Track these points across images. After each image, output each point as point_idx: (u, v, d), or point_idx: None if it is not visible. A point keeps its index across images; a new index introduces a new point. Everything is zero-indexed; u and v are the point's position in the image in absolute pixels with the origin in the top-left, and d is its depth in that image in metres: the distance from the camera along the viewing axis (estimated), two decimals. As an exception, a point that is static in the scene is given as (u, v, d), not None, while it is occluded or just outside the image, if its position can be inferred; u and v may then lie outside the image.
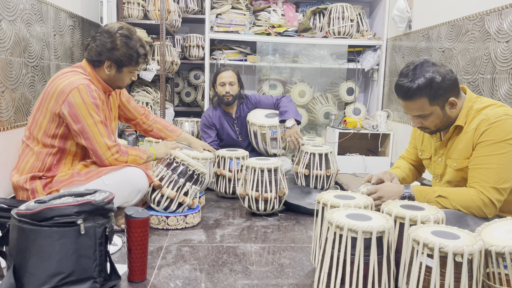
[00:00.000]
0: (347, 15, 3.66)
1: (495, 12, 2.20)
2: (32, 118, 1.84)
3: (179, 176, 2.01)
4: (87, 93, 1.76)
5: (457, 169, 1.60)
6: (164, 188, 1.99)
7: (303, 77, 4.01)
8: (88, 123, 1.76)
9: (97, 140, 1.79)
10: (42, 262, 1.26)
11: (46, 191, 1.79)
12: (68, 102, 1.74)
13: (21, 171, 1.82)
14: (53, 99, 1.77)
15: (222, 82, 2.84)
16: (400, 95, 1.57)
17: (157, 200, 2.01)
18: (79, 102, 1.74)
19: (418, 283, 1.14)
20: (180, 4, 3.72)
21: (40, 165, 1.81)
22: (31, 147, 1.82)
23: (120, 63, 1.86)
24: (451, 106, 1.56)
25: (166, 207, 2.01)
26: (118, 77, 1.91)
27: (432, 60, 1.56)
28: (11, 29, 1.95)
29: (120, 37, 1.83)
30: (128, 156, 1.91)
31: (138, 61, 1.90)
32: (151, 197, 2.02)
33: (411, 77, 1.52)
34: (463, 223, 1.45)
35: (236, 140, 2.99)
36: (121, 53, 1.83)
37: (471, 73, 2.40)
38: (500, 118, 1.47)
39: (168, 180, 2.00)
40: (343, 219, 1.26)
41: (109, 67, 1.86)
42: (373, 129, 3.46)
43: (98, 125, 1.78)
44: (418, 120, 1.61)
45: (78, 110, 1.74)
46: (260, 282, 1.51)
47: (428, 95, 1.51)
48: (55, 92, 1.76)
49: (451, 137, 1.64)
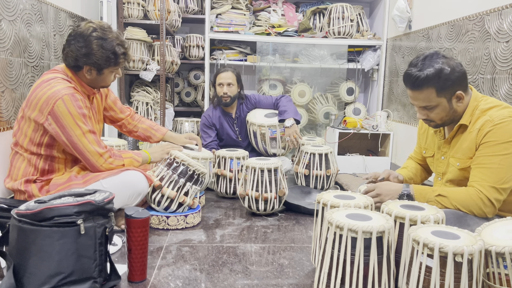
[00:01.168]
0: (347, 15, 3.66)
1: (495, 12, 2.20)
2: (17, 125, 1.80)
3: (179, 176, 2.01)
4: (73, 103, 1.71)
5: (460, 169, 1.61)
6: (165, 188, 1.99)
7: (303, 77, 4.01)
8: (76, 134, 1.73)
9: (87, 149, 1.77)
10: (42, 262, 1.26)
11: (42, 194, 1.78)
12: (54, 114, 1.70)
13: (14, 177, 1.81)
14: (36, 109, 1.72)
15: (221, 83, 2.84)
16: (408, 84, 1.57)
17: (158, 200, 2.00)
18: (65, 113, 1.70)
19: (418, 283, 1.14)
20: (180, 4, 3.72)
21: (32, 170, 1.80)
22: (21, 153, 1.80)
23: (99, 67, 1.79)
24: (458, 100, 1.56)
25: (167, 207, 2.01)
26: (100, 79, 1.85)
27: (442, 52, 1.56)
28: (11, 29, 1.95)
29: (94, 40, 1.74)
30: (124, 159, 1.89)
31: (118, 62, 1.82)
32: (152, 197, 2.02)
33: (420, 67, 1.53)
34: (463, 223, 1.45)
35: (236, 140, 3.00)
36: (98, 57, 1.75)
37: (471, 73, 2.40)
38: (504, 120, 1.48)
39: (169, 180, 2.00)
40: (343, 219, 1.26)
41: (89, 71, 1.81)
42: (373, 129, 3.46)
43: (86, 135, 1.76)
44: (424, 112, 1.61)
45: (65, 121, 1.71)
46: (260, 282, 1.51)
47: (436, 85, 1.51)
48: (39, 101, 1.71)
49: (455, 135, 1.64)
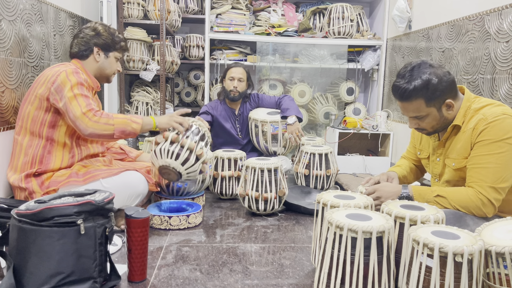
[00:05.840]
0: (347, 15, 3.66)
1: (495, 12, 2.20)
2: (21, 109, 1.87)
3: (193, 134, 1.96)
4: (73, 74, 1.82)
5: (456, 169, 1.60)
6: (184, 139, 1.90)
7: (303, 77, 4.01)
8: (68, 96, 1.77)
9: (74, 111, 1.76)
10: (42, 262, 1.26)
11: (43, 190, 1.80)
12: (55, 83, 1.79)
13: (14, 168, 1.84)
14: (43, 85, 1.81)
15: (232, 77, 2.88)
16: (397, 96, 1.58)
17: (177, 152, 1.87)
18: (64, 80, 1.79)
19: (418, 283, 1.14)
20: (180, 4, 3.72)
21: (30, 159, 1.82)
22: (20, 143, 1.83)
23: (107, 47, 1.99)
24: (447, 108, 1.56)
25: (186, 159, 1.89)
26: (106, 64, 2.01)
27: (430, 61, 1.56)
28: (11, 29, 1.95)
29: (100, 26, 2.01)
30: (114, 119, 1.79)
31: (121, 45, 2.04)
32: (169, 151, 1.88)
33: (407, 78, 1.53)
34: (463, 223, 1.45)
35: (236, 137, 3.00)
36: (105, 37, 1.98)
37: (471, 73, 2.40)
38: (497, 118, 1.47)
39: (184, 135, 1.93)
40: (343, 219, 1.26)
41: (98, 53, 1.98)
42: (373, 129, 3.46)
43: (77, 97, 1.78)
44: (414, 121, 1.61)
45: (62, 87, 1.78)
46: (260, 282, 1.51)
47: (424, 96, 1.52)
48: (45, 80, 1.81)
49: (449, 136, 1.64)
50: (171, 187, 2.27)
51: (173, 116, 1.96)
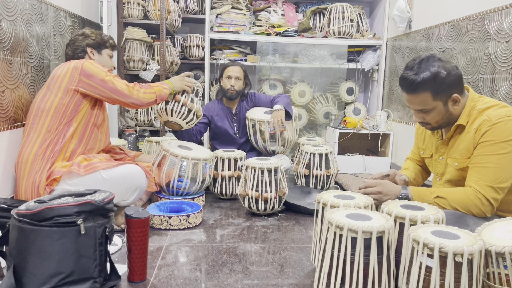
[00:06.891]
0: (347, 15, 3.66)
1: (495, 12, 2.20)
2: (36, 107, 1.91)
3: (194, 96, 2.36)
4: (95, 64, 1.98)
5: (458, 169, 1.60)
6: (178, 96, 2.27)
7: (303, 77, 4.01)
8: (107, 79, 1.95)
9: (119, 88, 1.98)
10: (42, 262, 1.26)
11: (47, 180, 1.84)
12: (84, 72, 1.92)
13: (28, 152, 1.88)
14: (66, 77, 1.91)
15: (229, 76, 2.87)
16: (404, 87, 1.57)
17: (184, 113, 2.30)
18: (93, 69, 1.94)
19: (418, 283, 1.14)
20: (180, 4, 3.72)
21: (45, 148, 1.87)
22: (32, 136, 1.89)
23: (98, 46, 2.14)
24: (453, 103, 1.56)
25: (189, 119, 2.33)
26: (102, 61, 2.14)
27: (438, 55, 1.56)
28: (11, 29, 1.95)
29: (87, 29, 2.17)
30: (153, 87, 2.11)
31: (110, 42, 2.20)
32: (178, 112, 2.28)
33: (416, 70, 1.53)
34: (463, 223, 1.45)
35: (234, 136, 2.99)
36: (94, 36, 2.14)
37: (471, 73, 2.40)
38: (501, 119, 1.48)
39: (189, 99, 2.32)
40: (343, 219, 1.26)
41: (92, 53, 2.12)
42: (373, 129, 3.46)
43: (115, 78, 2.00)
44: (420, 115, 1.61)
45: (96, 74, 1.93)
46: (260, 282, 1.51)
47: (431, 89, 1.52)
48: (67, 71, 1.92)
49: (452, 136, 1.64)
50: (171, 187, 2.27)
51: (184, 80, 2.30)
